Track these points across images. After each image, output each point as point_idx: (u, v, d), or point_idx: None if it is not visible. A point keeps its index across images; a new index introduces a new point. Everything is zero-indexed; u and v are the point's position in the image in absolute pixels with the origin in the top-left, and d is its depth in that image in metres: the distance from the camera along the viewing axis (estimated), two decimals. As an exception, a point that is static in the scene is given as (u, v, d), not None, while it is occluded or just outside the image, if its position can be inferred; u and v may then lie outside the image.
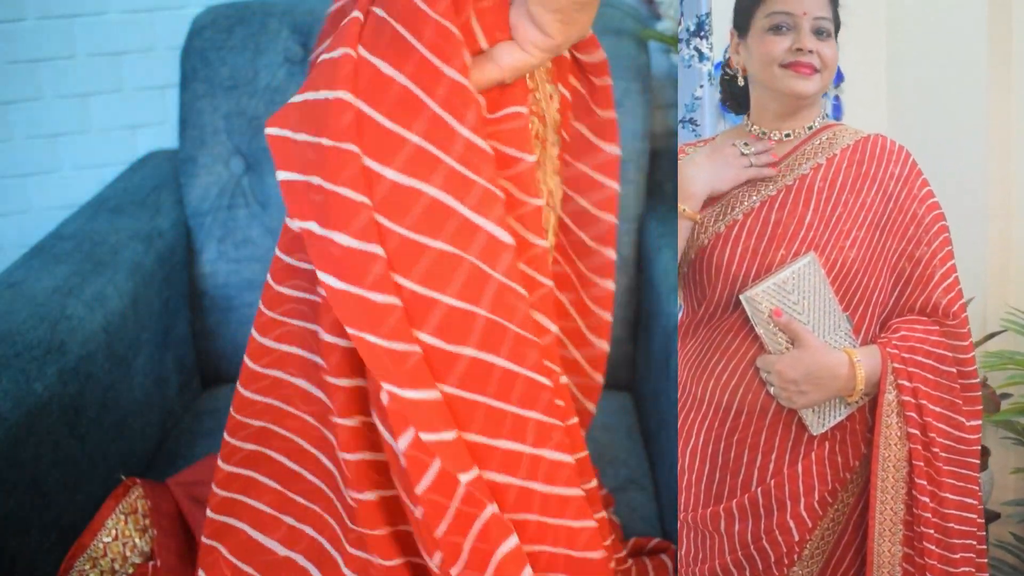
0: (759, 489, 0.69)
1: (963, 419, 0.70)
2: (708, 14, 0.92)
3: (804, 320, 0.69)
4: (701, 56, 0.92)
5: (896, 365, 0.68)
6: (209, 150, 1.16)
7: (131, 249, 1.02)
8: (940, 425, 0.68)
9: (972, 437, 0.70)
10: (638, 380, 1.13)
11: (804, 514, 0.69)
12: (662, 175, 1.22)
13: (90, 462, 0.82)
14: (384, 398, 0.54)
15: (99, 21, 1.33)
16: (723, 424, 0.71)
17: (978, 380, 0.71)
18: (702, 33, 0.91)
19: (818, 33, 0.70)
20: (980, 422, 0.71)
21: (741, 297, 0.69)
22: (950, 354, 0.70)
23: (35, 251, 0.98)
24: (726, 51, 0.76)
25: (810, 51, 0.69)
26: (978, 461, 0.71)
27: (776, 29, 0.70)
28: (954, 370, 0.70)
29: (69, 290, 0.88)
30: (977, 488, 0.69)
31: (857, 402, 0.69)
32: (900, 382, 0.68)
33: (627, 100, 1.15)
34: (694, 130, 0.96)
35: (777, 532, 0.69)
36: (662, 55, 1.34)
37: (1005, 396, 0.92)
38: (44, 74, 1.33)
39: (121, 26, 1.34)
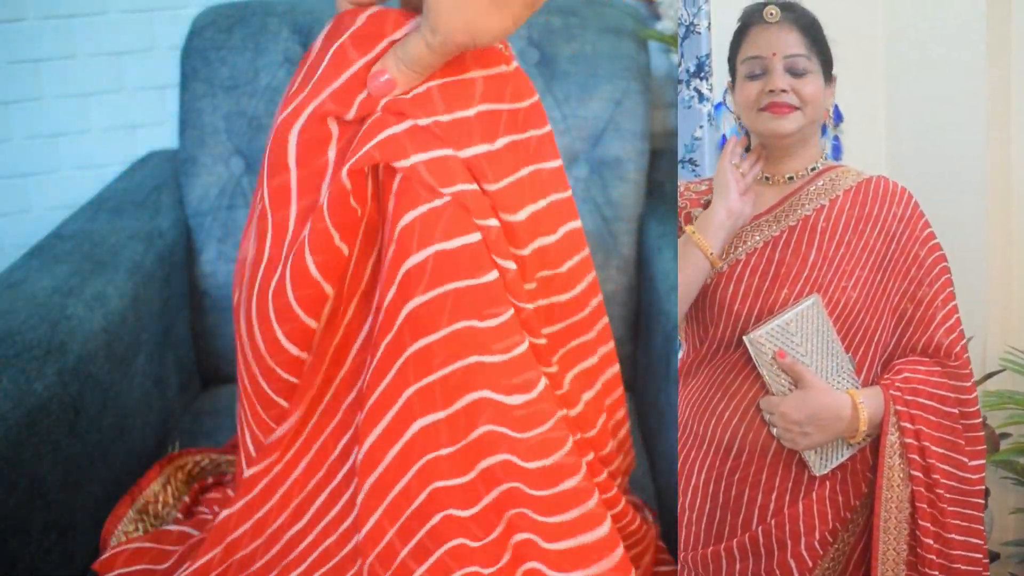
0: (759, 528, 0.69)
1: (966, 459, 0.69)
2: (708, 55, 0.92)
3: (807, 362, 0.69)
4: (701, 97, 0.93)
5: (899, 407, 0.68)
6: (209, 150, 1.16)
7: (131, 249, 1.02)
8: (943, 466, 0.69)
9: (975, 477, 0.70)
10: (638, 380, 1.13)
11: (804, 553, 0.68)
12: (662, 175, 1.22)
13: (90, 462, 0.82)
14: None
15: (99, 21, 1.33)
16: (724, 463, 0.71)
17: (980, 420, 0.71)
18: (702, 74, 0.92)
19: (793, 71, 0.70)
20: (983, 462, 0.70)
21: (744, 339, 0.70)
22: (952, 395, 0.70)
23: (35, 251, 0.98)
24: (725, 92, 0.76)
25: (783, 90, 0.70)
26: (982, 501, 0.70)
27: (752, 75, 0.71)
28: (956, 411, 0.70)
29: (69, 290, 0.88)
30: (982, 528, 0.69)
31: (860, 443, 0.69)
32: (903, 424, 0.68)
33: (627, 100, 1.15)
34: (694, 170, 0.96)
35: (777, 571, 0.69)
36: (662, 55, 1.34)
37: (1004, 436, 0.92)
38: (44, 74, 1.33)
39: (121, 26, 1.34)
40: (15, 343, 0.77)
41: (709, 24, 0.93)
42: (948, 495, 0.68)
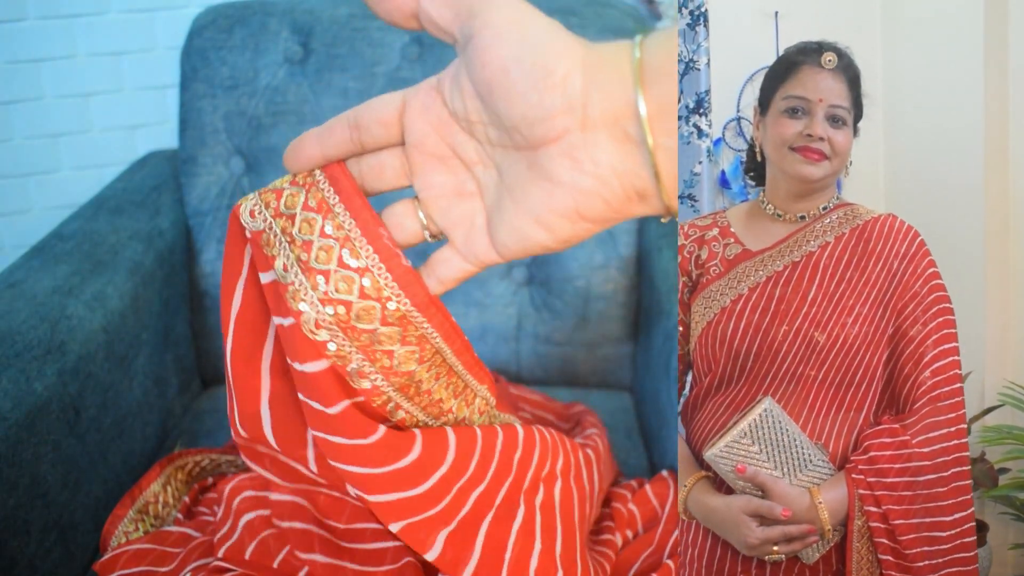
0: (756, 572, 0.69)
1: (946, 516, 0.67)
2: (707, 92, 0.93)
3: (770, 466, 0.68)
4: (700, 133, 0.93)
5: (862, 491, 0.67)
6: (209, 150, 1.16)
7: (131, 249, 1.02)
8: (920, 548, 0.66)
9: (957, 531, 0.67)
10: (638, 380, 1.13)
11: None
12: (662, 175, 1.22)
13: (90, 462, 0.82)
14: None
15: (99, 21, 1.33)
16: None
17: (967, 465, 0.69)
18: (701, 110, 0.92)
19: (833, 120, 0.70)
20: (971, 510, 0.68)
21: (705, 457, 0.69)
22: (928, 461, 0.67)
23: (35, 251, 0.98)
24: (725, 127, 0.76)
25: (821, 138, 0.69)
26: (972, 539, 0.68)
27: (792, 112, 0.70)
28: (933, 476, 0.68)
29: (69, 290, 0.88)
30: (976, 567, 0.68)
31: (833, 536, 0.68)
32: (867, 508, 0.67)
33: (627, 100, 1.15)
34: (692, 205, 0.96)
35: None
36: (662, 55, 1.34)
37: (1003, 471, 0.91)
38: (44, 74, 1.33)
39: (121, 26, 1.34)
40: (15, 343, 0.77)
41: (708, 61, 0.93)
42: (929, 563, 0.66)
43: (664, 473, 0.84)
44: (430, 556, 0.55)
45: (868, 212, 0.73)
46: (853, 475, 0.67)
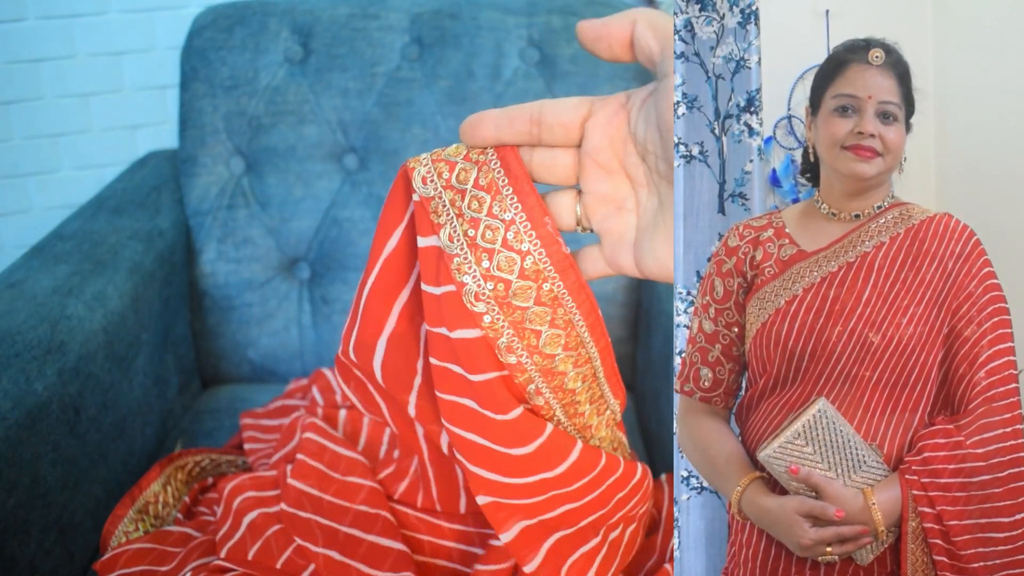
0: (809, 574, 0.69)
1: (1004, 518, 0.67)
2: (758, 90, 0.93)
3: (823, 467, 0.68)
4: (751, 131, 0.94)
5: (916, 492, 0.67)
6: (209, 150, 1.16)
7: (131, 249, 1.02)
8: (975, 550, 0.67)
9: (1018, 532, 0.67)
10: (638, 380, 1.13)
11: None
12: (662, 175, 1.22)
13: (90, 462, 0.82)
14: None
15: (99, 21, 1.34)
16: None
17: (1023, 455, 0.69)
18: (752, 108, 0.92)
19: (884, 117, 0.70)
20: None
21: (759, 458, 0.70)
22: (982, 462, 0.68)
23: (35, 251, 0.98)
24: (776, 126, 0.76)
25: (872, 135, 0.70)
26: None
27: (842, 111, 0.71)
28: (989, 476, 0.68)
29: (69, 290, 0.88)
30: None
31: (887, 536, 0.68)
32: (921, 509, 0.67)
33: (627, 100, 1.16)
34: (743, 204, 0.96)
35: None
36: (662, 55, 1.34)
37: None
38: (44, 74, 1.33)
39: (121, 26, 1.34)
40: (15, 343, 0.77)
41: (759, 59, 0.94)
42: (984, 564, 0.66)
43: (662, 478, 0.84)
44: (504, 539, 0.58)
45: (923, 212, 0.74)
46: (907, 476, 0.68)
